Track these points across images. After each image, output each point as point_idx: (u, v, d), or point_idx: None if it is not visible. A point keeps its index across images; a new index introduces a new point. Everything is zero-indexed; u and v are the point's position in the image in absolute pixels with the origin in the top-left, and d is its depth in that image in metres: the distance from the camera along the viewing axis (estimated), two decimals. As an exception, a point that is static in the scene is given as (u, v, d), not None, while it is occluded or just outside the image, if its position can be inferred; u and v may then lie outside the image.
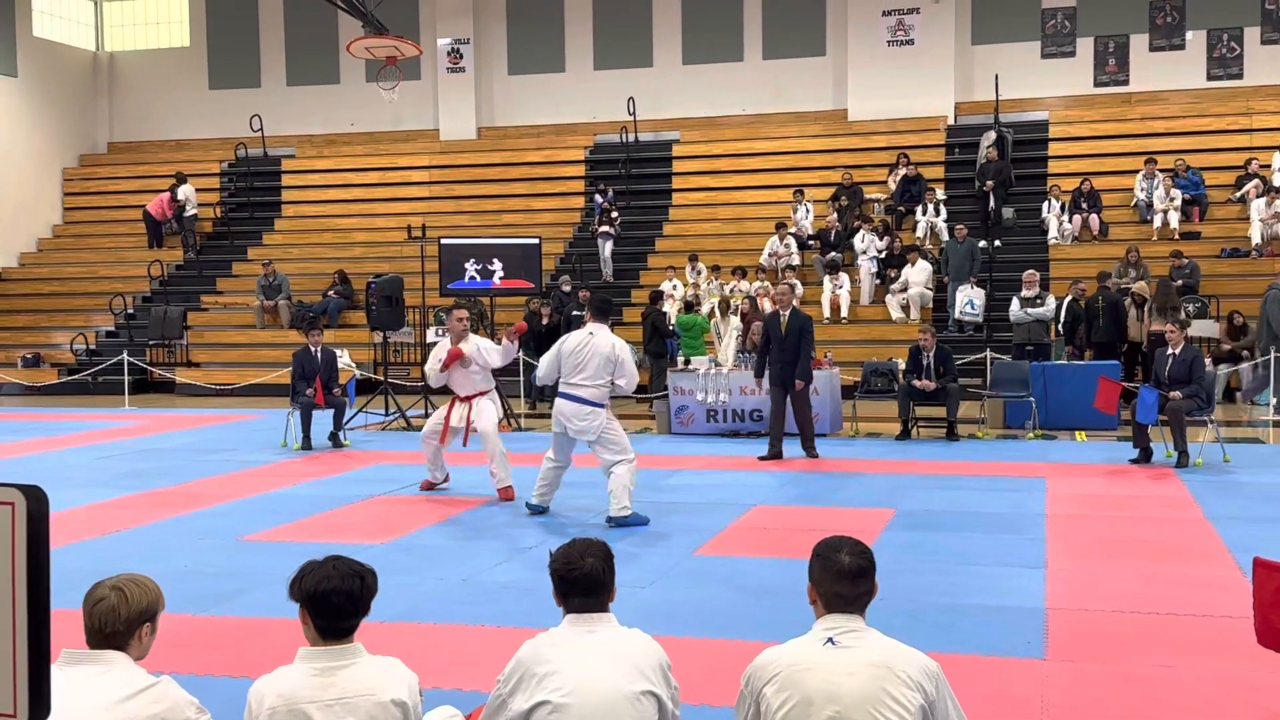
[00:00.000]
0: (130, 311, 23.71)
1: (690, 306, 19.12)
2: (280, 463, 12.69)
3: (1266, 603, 4.75)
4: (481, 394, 10.49)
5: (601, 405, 9.10)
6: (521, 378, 17.37)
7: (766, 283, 20.04)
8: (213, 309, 23.76)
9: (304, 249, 24.96)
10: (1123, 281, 17.73)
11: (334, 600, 3.35)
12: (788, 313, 12.49)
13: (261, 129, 26.12)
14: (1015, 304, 16.96)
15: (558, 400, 9.23)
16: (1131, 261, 18.47)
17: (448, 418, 10.39)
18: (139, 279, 24.61)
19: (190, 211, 25.41)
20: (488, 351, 10.39)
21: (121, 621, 3.29)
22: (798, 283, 20.01)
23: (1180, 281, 17.95)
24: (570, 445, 9.30)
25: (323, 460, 12.86)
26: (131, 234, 26.35)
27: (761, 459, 12.25)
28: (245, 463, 12.66)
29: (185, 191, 25.35)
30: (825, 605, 3.37)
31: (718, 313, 18.42)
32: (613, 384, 9.13)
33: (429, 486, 10.70)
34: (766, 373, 12.61)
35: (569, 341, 9.29)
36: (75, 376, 21.36)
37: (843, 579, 3.33)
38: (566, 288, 19.67)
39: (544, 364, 9.36)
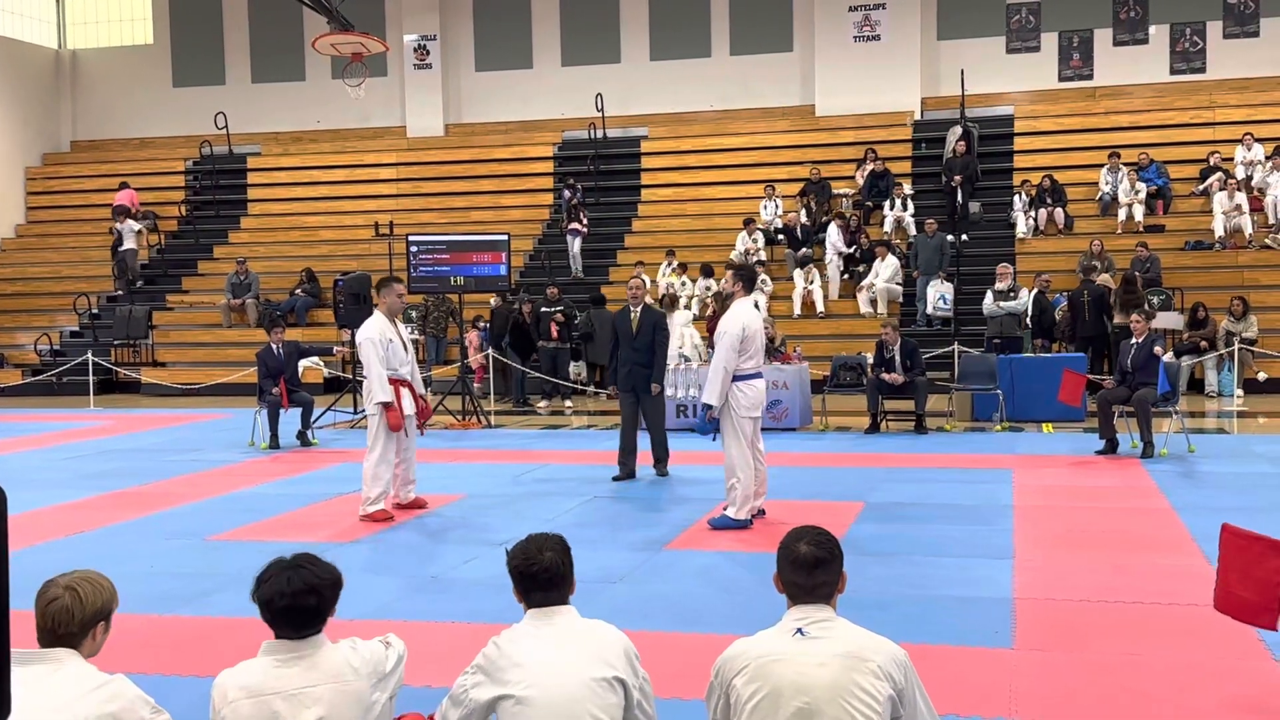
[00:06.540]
0: (95, 311, 23.49)
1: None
2: (247, 462, 12.61)
3: (1234, 569, 4.77)
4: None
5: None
6: (492, 376, 17.32)
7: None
8: (178, 308, 23.57)
9: (271, 247, 24.80)
10: (1094, 276, 17.82)
11: (290, 615, 3.36)
12: (639, 309, 11.00)
13: (226, 127, 25.93)
14: (989, 297, 17.01)
15: (750, 384, 8.64)
16: (1096, 253, 18.60)
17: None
18: (103, 278, 24.39)
19: (129, 245, 23.82)
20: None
21: (76, 623, 3.26)
22: (765, 276, 20.02)
23: (1142, 275, 18.07)
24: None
25: (290, 459, 12.79)
26: (96, 233, 26.09)
27: (615, 479, 10.71)
28: (212, 462, 12.57)
29: (127, 226, 23.82)
30: (789, 595, 3.38)
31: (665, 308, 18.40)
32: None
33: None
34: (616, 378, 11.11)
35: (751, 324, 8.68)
36: (40, 377, 21.15)
37: (799, 568, 3.34)
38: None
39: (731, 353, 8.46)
